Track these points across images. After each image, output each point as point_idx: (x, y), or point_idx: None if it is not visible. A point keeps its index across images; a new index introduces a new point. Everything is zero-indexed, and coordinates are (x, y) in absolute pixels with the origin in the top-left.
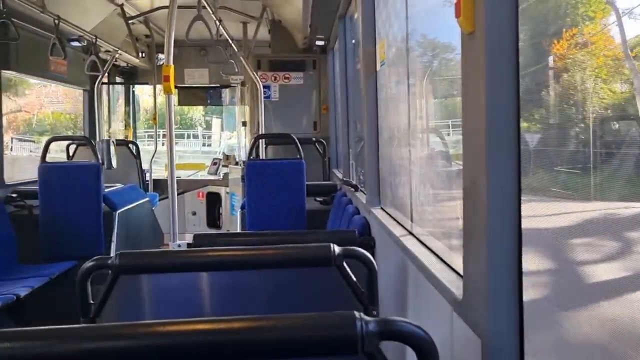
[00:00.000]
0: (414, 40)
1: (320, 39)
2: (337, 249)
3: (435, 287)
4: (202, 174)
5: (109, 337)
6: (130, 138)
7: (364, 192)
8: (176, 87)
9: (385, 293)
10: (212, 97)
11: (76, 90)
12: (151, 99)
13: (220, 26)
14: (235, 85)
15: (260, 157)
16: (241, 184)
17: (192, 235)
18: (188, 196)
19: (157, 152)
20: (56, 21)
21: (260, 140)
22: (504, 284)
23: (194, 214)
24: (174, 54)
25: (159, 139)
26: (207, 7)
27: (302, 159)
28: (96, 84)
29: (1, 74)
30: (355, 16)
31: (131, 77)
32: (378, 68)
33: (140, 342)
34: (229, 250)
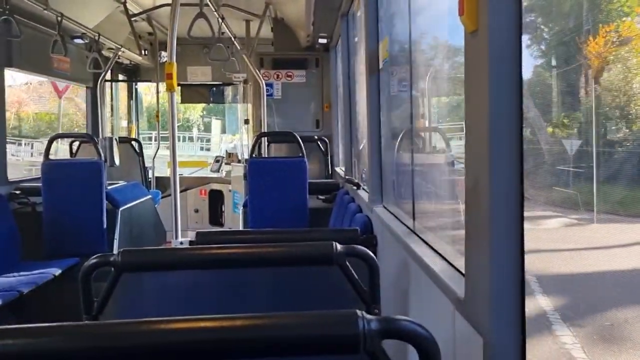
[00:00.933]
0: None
1: (323, 37)
2: (339, 247)
3: (437, 285)
4: (205, 172)
5: (112, 335)
6: (133, 135)
7: (366, 190)
8: (179, 84)
9: (388, 291)
10: (214, 94)
11: (74, 88)
12: (153, 99)
13: (222, 24)
14: (238, 83)
15: (263, 155)
16: (243, 181)
17: (194, 232)
18: (191, 194)
19: (158, 151)
20: (59, 18)
21: (263, 138)
22: (506, 283)
23: (196, 211)
24: (176, 51)
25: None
26: (209, 4)
27: (304, 157)
28: (99, 81)
29: (4, 72)
30: (358, 14)
31: (134, 74)
32: (381, 66)
33: (143, 339)
34: (231, 248)
